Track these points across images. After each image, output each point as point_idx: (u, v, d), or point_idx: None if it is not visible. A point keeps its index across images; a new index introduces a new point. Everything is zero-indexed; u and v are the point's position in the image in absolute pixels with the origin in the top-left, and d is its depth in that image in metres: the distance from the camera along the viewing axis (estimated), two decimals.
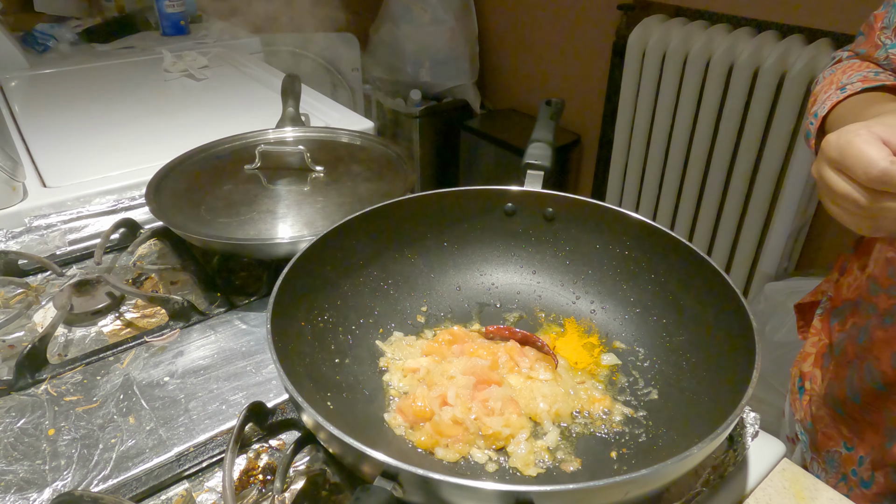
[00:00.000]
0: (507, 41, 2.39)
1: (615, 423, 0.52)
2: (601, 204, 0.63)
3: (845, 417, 0.67)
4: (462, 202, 0.66)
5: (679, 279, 0.58)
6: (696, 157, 1.71)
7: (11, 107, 1.16)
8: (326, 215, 0.73)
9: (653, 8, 1.78)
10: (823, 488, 0.49)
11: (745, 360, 0.45)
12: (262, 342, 0.63)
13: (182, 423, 0.53)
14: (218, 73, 1.39)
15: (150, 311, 0.68)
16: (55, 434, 0.52)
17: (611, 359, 0.58)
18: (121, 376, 0.58)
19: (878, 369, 0.61)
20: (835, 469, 0.70)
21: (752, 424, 0.52)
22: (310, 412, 0.39)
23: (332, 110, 1.15)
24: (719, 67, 1.57)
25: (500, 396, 0.52)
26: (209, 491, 0.48)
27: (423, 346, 0.59)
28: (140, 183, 0.86)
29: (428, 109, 2.36)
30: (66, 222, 0.81)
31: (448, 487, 0.36)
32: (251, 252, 0.71)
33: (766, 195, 1.61)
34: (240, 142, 0.89)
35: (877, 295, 0.63)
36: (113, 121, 1.11)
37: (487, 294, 0.66)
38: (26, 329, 0.65)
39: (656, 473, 0.36)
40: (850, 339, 0.66)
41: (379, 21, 2.37)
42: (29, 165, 0.93)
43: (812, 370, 0.74)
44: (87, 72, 1.39)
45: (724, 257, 1.76)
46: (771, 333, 1.44)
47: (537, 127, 0.71)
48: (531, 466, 0.48)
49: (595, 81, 2.07)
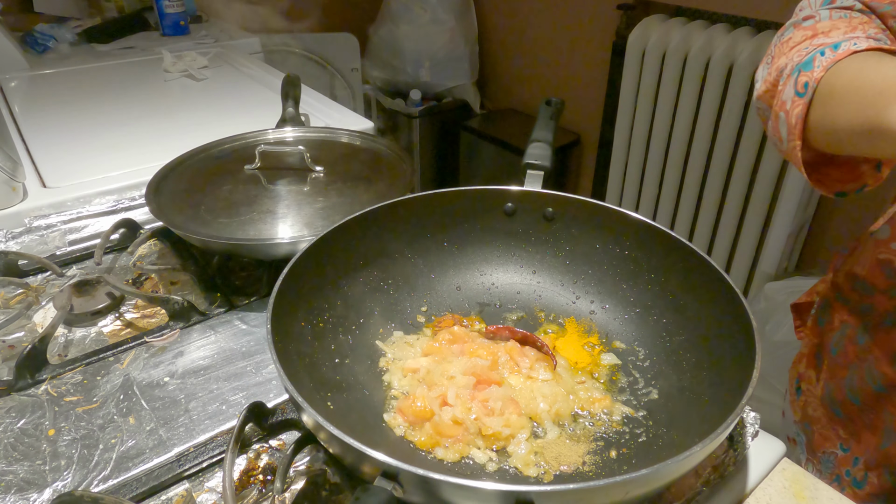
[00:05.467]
0: (507, 41, 2.39)
1: (615, 422, 0.52)
2: (601, 204, 0.63)
3: (843, 419, 0.67)
4: (462, 202, 0.66)
5: (679, 279, 0.58)
6: (696, 157, 1.71)
7: (11, 107, 1.16)
8: (326, 215, 0.73)
9: (653, 8, 1.78)
10: (823, 488, 0.50)
11: (745, 360, 0.45)
12: (262, 342, 0.63)
13: (182, 423, 0.53)
14: (218, 73, 1.39)
15: (150, 311, 0.68)
16: (55, 434, 0.52)
17: (611, 359, 0.58)
18: (121, 376, 0.58)
19: (878, 370, 0.61)
20: (829, 470, 0.70)
21: (752, 424, 0.52)
22: (310, 412, 0.39)
23: (332, 110, 1.15)
24: (719, 67, 1.57)
25: (500, 396, 0.52)
26: (209, 491, 0.48)
27: (424, 345, 0.59)
28: (140, 183, 0.86)
29: (428, 109, 2.36)
30: (66, 222, 0.81)
31: (448, 487, 0.36)
32: (251, 252, 0.71)
33: (766, 195, 1.61)
34: (240, 142, 0.89)
35: (872, 296, 0.63)
36: (113, 121, 1.11)
37: (487, 294, 0.66)
38: (26, 329, 0.65)
39: (657, 473, 0.36)
40: (848, 339, 0.66)
41: (379, 21, 2.37)
42: (29, 166, 0.93)
43: (806, 371, 0.74)
44: (87, 72, 1.39)
45: (724, 257, 1.76)
46: (771, 333, 1.44)
47: (537, 127, 0.71)
48: (531, 466, 0.48)
49: (595, 81, 2.07)
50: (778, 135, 0.58)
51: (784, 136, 0.56)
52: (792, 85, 0.55)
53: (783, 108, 0.56)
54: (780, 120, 0.56)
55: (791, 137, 0.55)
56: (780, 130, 0.57)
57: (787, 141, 0.56)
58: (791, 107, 0.55)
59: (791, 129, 0.55)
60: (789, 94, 0.55)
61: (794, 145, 0.55)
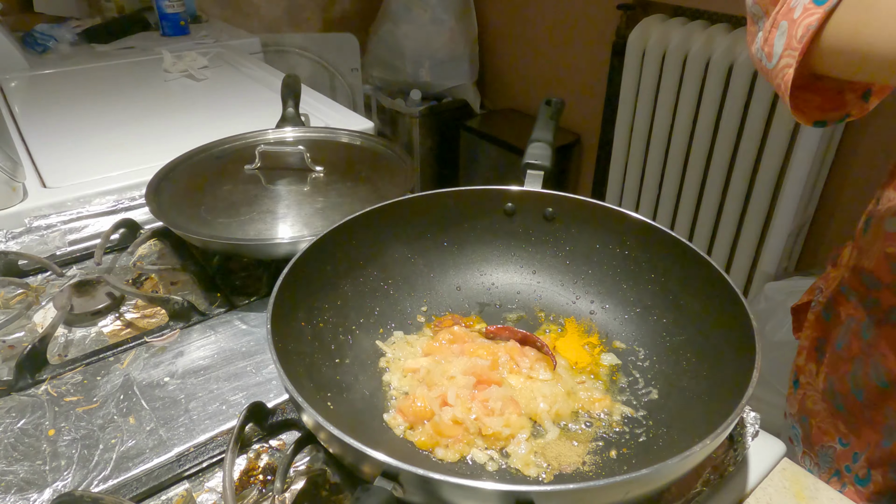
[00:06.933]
0: (507, 41, 2.39)
1: (615, 422, 0.52)
2: (601, 204, 0.63)
3: (844, 413, 0.67)
4: (462, 202, 0.66)
5: (679, 279, 0.58)
6: (696, 156, 1.71)
7: (11, 107, 1.16)
8: (326, 215, 0.73)
9: (653, 8, 1.78)
10: (824, 488, 0.50)
11: (745, 360, 0.45)
12: (262, 342, 0.63)
13: (182, 423, 0.53)
14: (218, 73, 1.39)
15: (151, 311, 0.68)
16: (55, 434, 0.52)
17: (611, 359, 0.58)
18: (121, 377, 0.58)
19: (884, 366, 0.61)
20: (827, 464, 0.70)
21: (752, 424, 0.52)
22: (310, 412, 0.39)
23: (332, 110, 1.15)
24: (719, 67, 1.57)
25: (500, 396, 0.52)
26: (209, 491, 0.48)
27: (424, 345, 0.59)
28: (140, 183, 0.86)
29: (428, 109, 2.36)
30: (66, 223, 0.81)
31: (448, 487, 0.36)
32: (251, 252, 0.71)
33: (766, 195, 1.61)
34: (240, 142, 0.89)
35: (879, 290, 0.63)
36: (113, 121, 1.11)
37: (487, 294, 0.66)
38: (26, 329, 0.65)
39: (657, 473, 0.36)
40: (853, 334, 0.66)
41: (378, 21, 2.37)
42: (29, 166, 0.93)
43: (806, 364, 0.74)
44: (87, 72, 1.39)
45: (724, 257, 1.76)
46: (771, 333, 1.44)
47: (537, 127, 0.71)
48: (531, 466, 0.48)
49: (595, 81, 2.07)
50: (768, 48, 0.48)
51: (777, 50, 0.46)
52: None
53: (788, 15, 0.46)
54: (778, 30, 0.47)
55: (789, 53, 0.45)
56: (773, 43, 0.47)
57: (778, 57, 0.46)
58: (801, 15, 0.44)
59: (792, 42, 0.45)
60: (802, 1, 0.45)
61: (787, 63, 0.45)
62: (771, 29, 0.48)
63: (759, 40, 0.50)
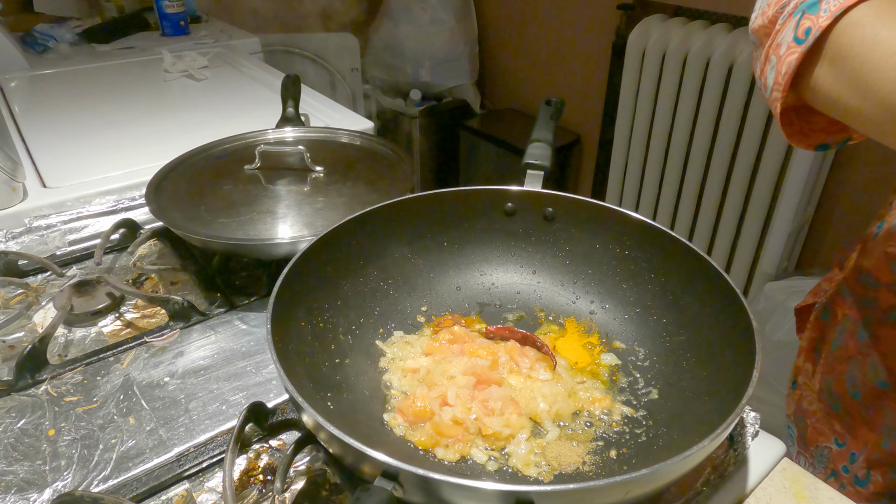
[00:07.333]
0: (507, 41, 2.39)
1: (615, 422, 0.52)
2: (601, 204, 0.63)
3: (841, 413, 0.67)
4: (462, 202, 0.66)
5: (679, 279, 0.58)
6: (696, 157, 1.71)
7: (11, 107, 1.16)
8: (326, 215, 0.73)
9: (653, 8, 1.78)
10: (824, 488, 0.50)
11: (745, 360, 0.45)
12: (262, 342, 0.63)
13: (182, 423, 0.53)
14: (218, 73, 1.39)
15: (151, 311, 0.68)
16: (55, 434, 0.52)
17: (611, 359, 0.58)
18: (121, 377, 0.58)
19: (883, 366, 0.61)
20: (823, 465, 0.70)
21: (752, 424, 0.52)
22: (310, 412, 0.39)
23: (332, 110, 1.15)
24: (719, 67, 1.57)
25: (500, 396, 0.52)
26: (209, 491, 0.48)
27: (424, 345, 0.59)
28: (140, 183, 0.86)
29: (428, 109, 2.36)
30: (66, 223, 0.81)
31: (448, 487, 0.36)
32: (251, 252, 0.71)
33: (766, 195, 1.61)
34: (240, 142, 0.89)
35: (877, 290, 0.63)
36: (113, 121, 1.11)
37: (487, 294, 0.66)
38: (26, 329, 0.65)
39: (656, 473, 0.36)
40: (849, 334, 0.66)
41: (378, 21, 2.37)
42: (29, 166, 0.93)
43: (804, 364, 0.74)
44: (87, 72, 1.39)
45: (724, 257, 1.76)
46: (771, 333, 1.44)
47: (537, 127, 0.71)
48: (531, 466, 0.48)
49: (595, 81, 2.07)
50: (764, 79, 0.50)
51: (769, 83, 0.49)
52: (792, 28, 0.46)
53: (776, 51, 0.48)
54: (770, 64, 0.49)
55: (776, 87, 0.48)
56: (767, 76, 0.49)
57: (771, 90, 0.49)
58: (785, 52, 0.46)
59: (778, 78, 0.47)
60: (786, 38, 0.46)
61: (776, 97, 0.48)
62: (765, 62, 0.50)
63: (757, 70, 0.52)
